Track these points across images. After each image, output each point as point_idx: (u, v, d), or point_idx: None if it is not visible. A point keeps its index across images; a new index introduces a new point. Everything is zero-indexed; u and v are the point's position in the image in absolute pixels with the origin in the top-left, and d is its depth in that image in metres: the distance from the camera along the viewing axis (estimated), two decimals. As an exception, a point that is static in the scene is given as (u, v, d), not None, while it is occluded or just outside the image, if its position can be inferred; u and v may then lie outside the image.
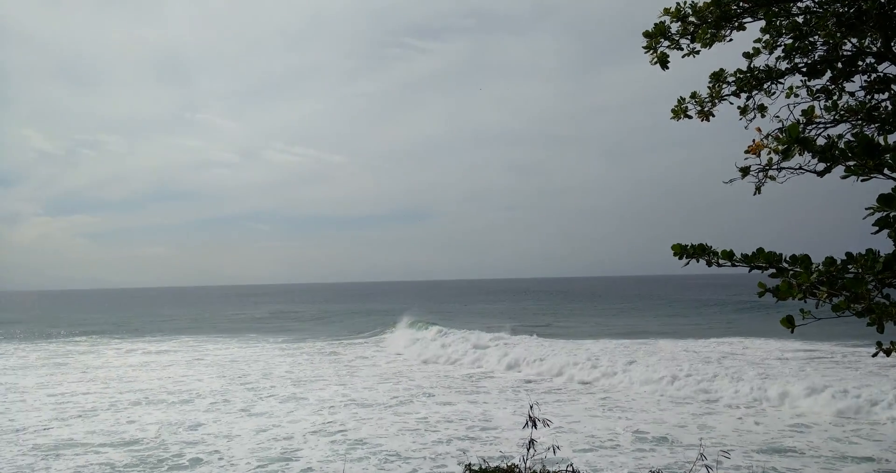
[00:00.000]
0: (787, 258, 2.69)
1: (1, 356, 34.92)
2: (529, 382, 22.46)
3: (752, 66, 4.35)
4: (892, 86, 3.99)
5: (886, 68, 3.99)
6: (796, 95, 4.31)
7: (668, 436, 14.69)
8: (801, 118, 3.73)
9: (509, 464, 4.86)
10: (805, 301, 2.59)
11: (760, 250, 2.78)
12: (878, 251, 2.47)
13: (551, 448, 5.33)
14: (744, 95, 4.40)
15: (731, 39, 4.30)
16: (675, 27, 4.30)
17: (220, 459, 13.59)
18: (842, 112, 3.93)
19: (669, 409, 17.79)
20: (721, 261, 2.99)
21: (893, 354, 2.83)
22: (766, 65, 4.32)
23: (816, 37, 4.10)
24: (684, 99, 4.49)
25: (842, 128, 3.95)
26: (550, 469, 5.12)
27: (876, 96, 4.05)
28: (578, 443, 14.03)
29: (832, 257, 2.55)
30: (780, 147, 2.85)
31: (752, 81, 4.35)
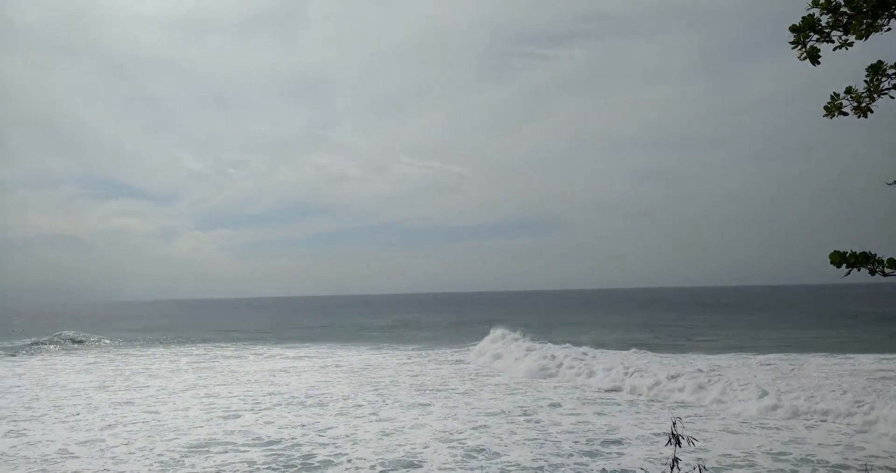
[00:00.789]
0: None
1: (156, 360, 38.35)
2: (655, 401, 21.44)
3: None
4: None
5: None
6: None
7: (812, 457, 13.50)
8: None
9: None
10: None
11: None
12: None
13: (697, 468, 4.97)
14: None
15: (888, 29, 3.97)
16: (824, 19, 4.03)
17: (349, 461, 14.10)
18: None
19: (816, 427, 16.35)
20: (887, 270, 2.71)
21: None
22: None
23: None
24: (838, 95, 4.20)
25: None
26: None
27: None
28: (709, 461, 13.20)
29: None
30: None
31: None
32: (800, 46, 4.09)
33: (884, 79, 4.05)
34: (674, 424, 4.61)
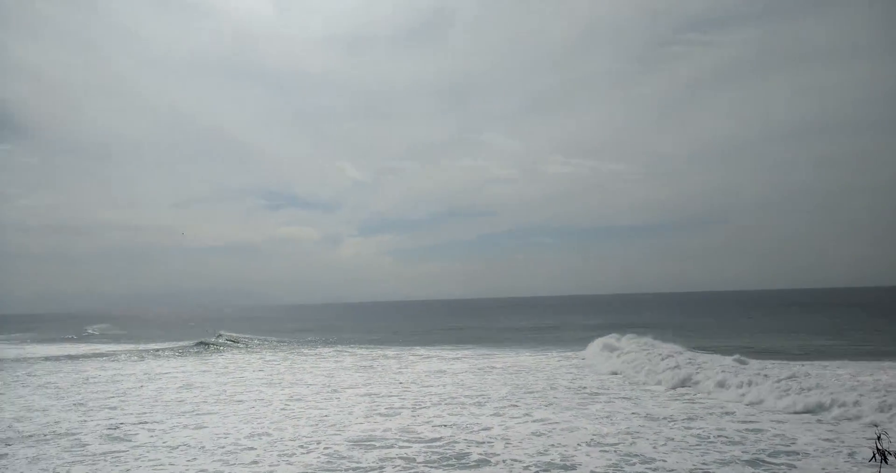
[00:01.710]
0: None
1: (323, 359, 41.01)
2: (842, 420, 19.38)
3: None
4: None
5: None
6: None
7: None
8: None
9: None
10: None
11: None
12: None
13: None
14: None
15: None
16: None
17: (503, 461, 14.15)
18: None
19: None
20: None
21: None
22: None
23: None
24: None
25: None
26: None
27: None
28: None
29: None
30: None
31: None
32: None
33: None
34: (878, 438, 4.17)
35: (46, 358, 47.62)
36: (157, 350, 52.53)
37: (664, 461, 13.68)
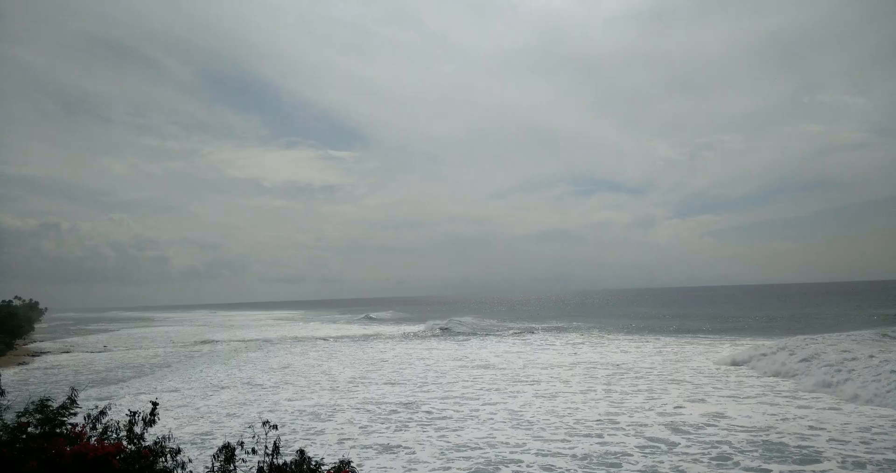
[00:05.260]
0: None
1: (632, 344, 40.57)
2: None
3: None
4: None
5: None
6: None
7: None
8: None
9: None
10: None
11: None
12: None
13: None
14: None
15: None
16: None
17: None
18: None
19: None
20: None
21: None
22: None
23: None
24: None
25: None
26: None
27: None
28: None
29: None
30: None
31: None
32: None
33: None
34: None
35: (347, 338, 56.12)
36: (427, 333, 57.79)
37: None
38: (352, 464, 6.68)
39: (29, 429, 6.26)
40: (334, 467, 6.48)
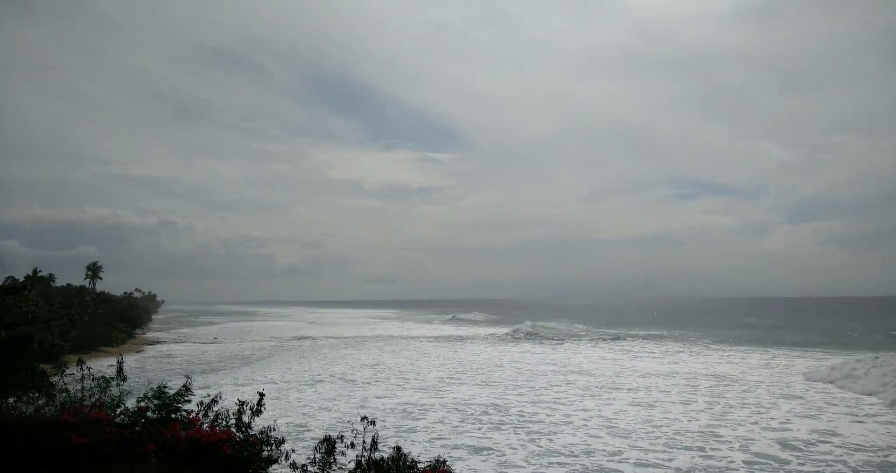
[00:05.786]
0: None
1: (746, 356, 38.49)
2: None
3: None
4: None
5: None
6: None
7: None
8: None
9: None
10: None
11: None
12: None
13: None
14: None
15: None
16: None
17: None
18: None
19: None
20: None
21: None
22: None
23: None
24: None
25: None
26: None
27: None
28: None
29: None
30: None
31: None
32: None
33: None
34: None
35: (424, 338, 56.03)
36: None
37: None
38: (447, 464, 6.68)
39: (147, 413, 6.67)
40: (430, 465, 6.50)
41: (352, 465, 6.48)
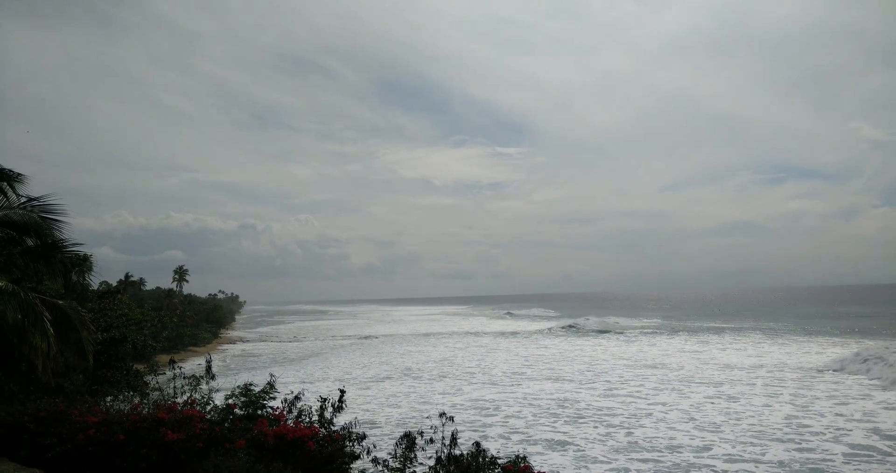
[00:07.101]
0: None
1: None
2: None
3: None
4: None
5: None
6: None
7: None
8: None
9: None
10: None
11: None
12: None
13: None
14: None
15: None
16: None
17: None
18: None
19: None
20: None
21: None
22: None
23: None
24: None
25: None
26: None
27: None
28: None
29: None
30: None
31: None
32: None
33: None
34: None
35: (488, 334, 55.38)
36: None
37: None
38: (527, 460, 6.65)
39: (236, 410, 6.94)
40: (510, 461, 6.48)
41: (431, 461, 6.54)
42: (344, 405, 6.89)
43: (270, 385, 7.24)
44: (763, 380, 25.38)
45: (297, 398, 7.11)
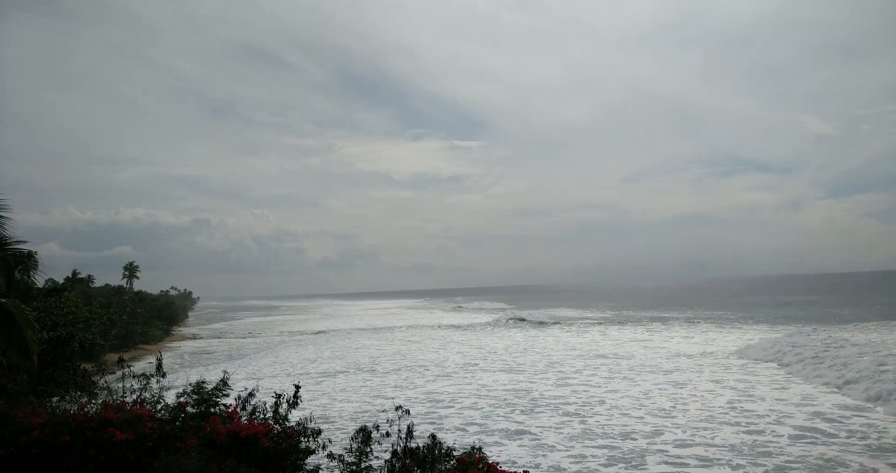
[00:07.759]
0: None
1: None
2: None
3: None
4: None
5: None
6: None
7: None
8: None
9: None
10: None
11: None
12: None
13: None
14: None
15: None
16: None
17: None
18: None
19: None
20: None
21: None
22: None
23: None
24: None
25: None
26: None
27: None
28: None
29: None
30: None
31: None
32: None
33: None
34: None
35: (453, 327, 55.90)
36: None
37: None
38: (483, 450, 6.73)
39: (187, 408, 6.84)
40: (465, 453, 6.56)
41: (387, 454, 6.58)
42: (299, 401, 6.86)
43: (223, 382, 7.16)
44: (710, 367, 26.19)
45: (251, 394, 7.05)
